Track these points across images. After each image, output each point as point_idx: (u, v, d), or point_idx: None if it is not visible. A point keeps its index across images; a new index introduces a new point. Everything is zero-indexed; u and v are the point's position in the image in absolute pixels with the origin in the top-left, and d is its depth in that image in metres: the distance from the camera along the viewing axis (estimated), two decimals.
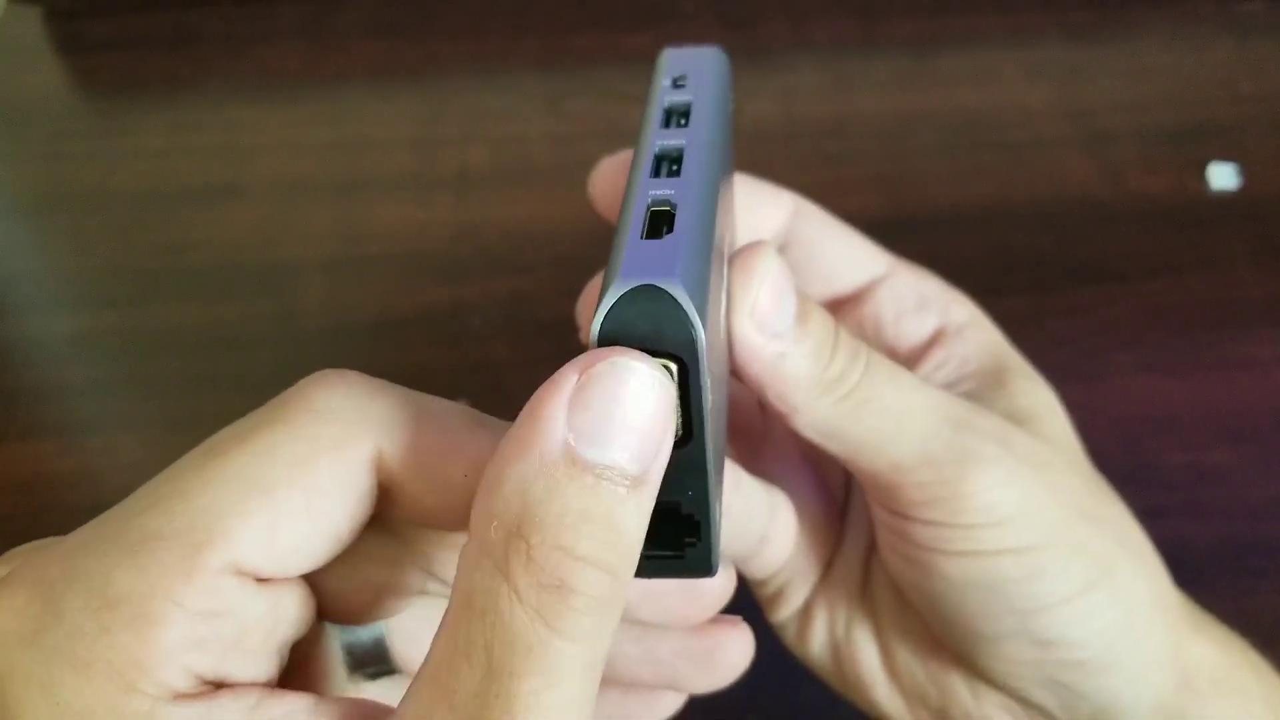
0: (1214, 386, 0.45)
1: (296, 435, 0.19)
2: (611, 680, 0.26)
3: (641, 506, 0.17)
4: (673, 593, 0.25)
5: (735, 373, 0.23)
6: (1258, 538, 0.40)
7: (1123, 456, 0.28)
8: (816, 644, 0.29)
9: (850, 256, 0.30)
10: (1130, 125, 0.56)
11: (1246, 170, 0.53)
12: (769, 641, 0.28)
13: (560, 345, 0.21)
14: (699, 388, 0.17)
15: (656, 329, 0.17)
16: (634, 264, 0.17)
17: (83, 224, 0.53)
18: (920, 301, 0.29)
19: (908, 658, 0.28)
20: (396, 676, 0.25)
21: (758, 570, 0.28)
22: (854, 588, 0.29)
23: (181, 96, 0.59)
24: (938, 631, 0.27)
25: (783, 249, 0.29)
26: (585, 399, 0.16)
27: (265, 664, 0.19)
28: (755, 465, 0.30)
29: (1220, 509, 0.40)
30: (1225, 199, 0.52)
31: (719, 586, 0.25)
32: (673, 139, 0.21)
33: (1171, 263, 0.50)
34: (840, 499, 0.30)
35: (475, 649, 0.16)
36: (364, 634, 0.24)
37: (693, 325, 0.16)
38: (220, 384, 0.46)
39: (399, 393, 0.20)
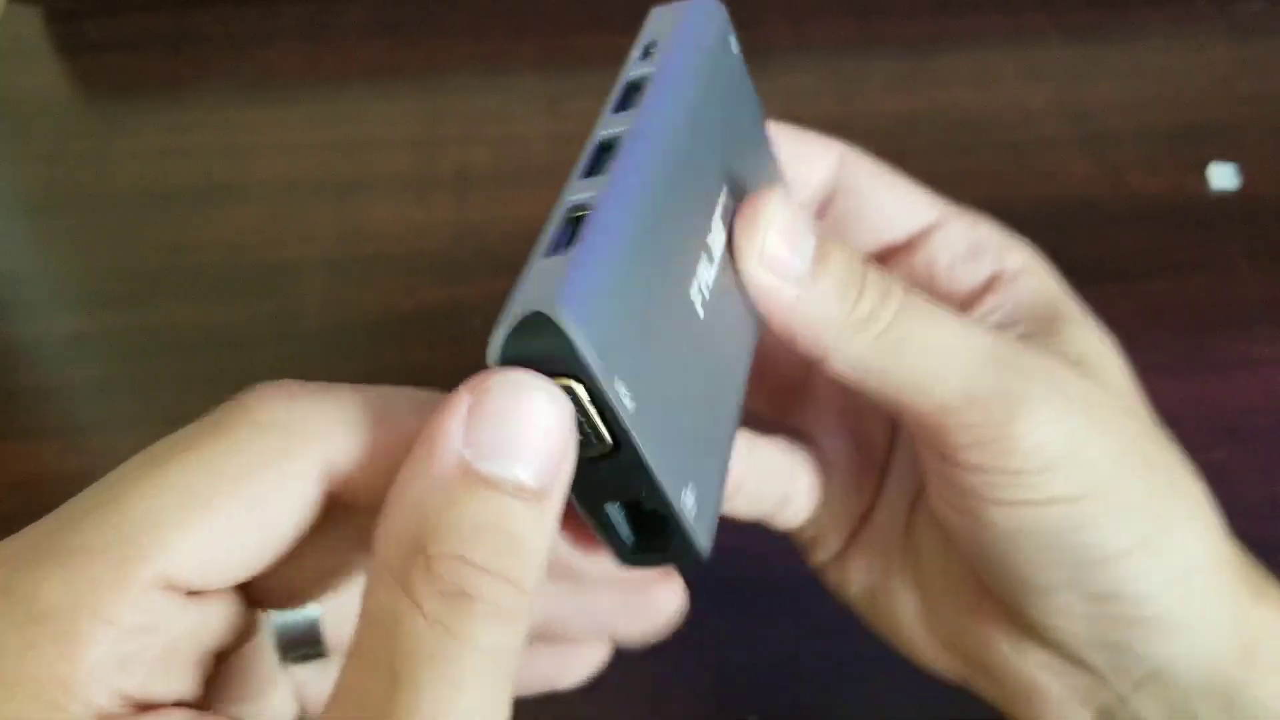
0: (1214, 386, 0.45)
1: (238, 448, 0.18)
2: (544, 636, 0.25)
3: (543, 519, 0.17)
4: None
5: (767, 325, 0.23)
6: (1257, 538, 0.40)
7: None
8: (854, 587, 0.29)
9: (901, 204, 0.29)
10: (1130, 125, 0.56)
11: (1246, 170, 0.53)
12: (771, 643, 0.28)
13: None
14: (607, 402, 0.17)
15: (549, 355, 0.16)
16: (526, 289, 0.17)
17: (83, 224, 0.53)
18: (974, 248, 0.28)
19: (947, 610, 0.28)
20: (326, 659, 0.24)
21: (783, 525, 0.28)
22: (895, 537, 0.29)
23: (181, 96, 0.59)
24: (989, 582, 0.26)
25: (831, 199, 0.29)
26: (478, 415, 0.17)
27: (192, 677, 0.19)
28: (791, 416, 0.30)
29: (1220, 509, 0.40)
30: (1225, 199, 0.52)
31: None
32: (616, 126, 0.19)
33: (1171, 263, 0.50)
34: (883, 450, 0.30)
35: (379, 665, 0.16)
36: (298, 618, 0.24)
37: (577, 350, 0.16)
38: (220, 384, 0.45)
39: (342, 394, 0.20)
